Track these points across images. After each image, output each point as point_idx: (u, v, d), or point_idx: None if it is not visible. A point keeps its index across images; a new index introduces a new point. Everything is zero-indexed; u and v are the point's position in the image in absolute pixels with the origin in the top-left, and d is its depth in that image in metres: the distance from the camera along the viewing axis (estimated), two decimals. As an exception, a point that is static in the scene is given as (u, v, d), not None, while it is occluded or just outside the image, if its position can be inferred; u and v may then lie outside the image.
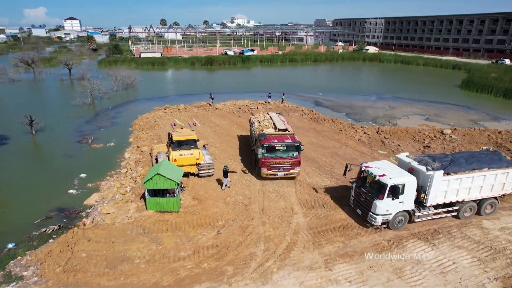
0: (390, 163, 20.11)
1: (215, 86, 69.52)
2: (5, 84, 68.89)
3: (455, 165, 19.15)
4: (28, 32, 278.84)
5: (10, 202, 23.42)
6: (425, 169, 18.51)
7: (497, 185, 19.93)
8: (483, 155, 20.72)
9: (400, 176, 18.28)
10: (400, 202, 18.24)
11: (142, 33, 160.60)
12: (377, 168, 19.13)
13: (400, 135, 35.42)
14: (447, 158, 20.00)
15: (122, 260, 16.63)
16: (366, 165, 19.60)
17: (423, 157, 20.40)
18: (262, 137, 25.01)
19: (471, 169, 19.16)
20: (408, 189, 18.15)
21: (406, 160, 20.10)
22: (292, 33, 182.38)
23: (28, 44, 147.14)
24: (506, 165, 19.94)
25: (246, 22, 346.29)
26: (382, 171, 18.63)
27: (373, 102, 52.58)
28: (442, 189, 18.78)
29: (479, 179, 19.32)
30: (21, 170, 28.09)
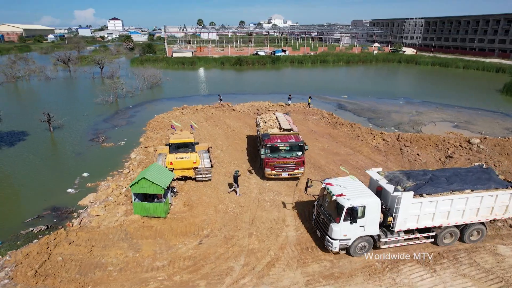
0: (356, 181, 17.60)
1: (240, 86, 69.10)
2: (42, 82, 72.24)
3: (431, 185, 16.64)
4: (74, 32, 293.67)
5: (9, 198, 23.76)
6: (392, 189, 16.10)
7: (484, 209, 17.14)
8: (470, 173, 18.10)
9: (361, 197, 15.91)
10: (361, 226, 15.93)
11: (179, 32, 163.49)
12: (339, 186, 16.82)
13: (421, 143, 32.86)
14: (425, 176, 17.56)
15: (96, 267, 16.13)
16: (327, 182, 17.27)
17: (398, 173, 18.05)
18: (265, 137, 24.79)
19: (449, 190, 16.57)
20: (371, 211, 15.82)
21: (375, 178, 17.57)
22: (328, 34, 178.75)
23: (71, 43, 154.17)
24: (495, 186, 17.13)
25: (283, 23, 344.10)
26: (342, 190, 16.34)
27: (400, 107, 49.65)
28: (414, 212, 16.32)
29: (460, 202, 16.63)
30: (28, 166, 28.68)
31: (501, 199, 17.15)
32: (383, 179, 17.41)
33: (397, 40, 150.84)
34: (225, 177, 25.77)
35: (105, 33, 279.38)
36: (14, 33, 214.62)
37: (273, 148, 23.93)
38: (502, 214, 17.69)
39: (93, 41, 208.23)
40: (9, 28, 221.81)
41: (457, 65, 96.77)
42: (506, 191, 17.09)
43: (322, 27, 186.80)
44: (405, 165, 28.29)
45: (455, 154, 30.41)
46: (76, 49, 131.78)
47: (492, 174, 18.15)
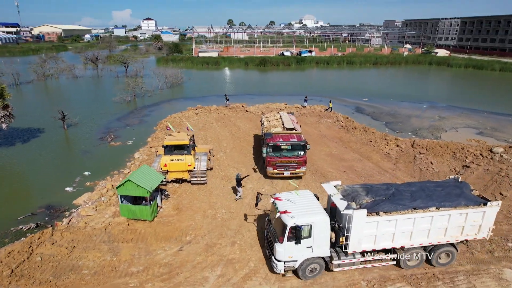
0: (310, 196, 15.99)
1: (261, 87, 68.41)
2: (69, 80, 74.79)
3: (391, 201, 14.86)
4: (110, 32, 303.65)
5: (8, 194, 24.25)
6: (343, 206, 14.36)
7: (452, 228, 15.23)
8: (439, 188, 16.26)
9: (308, 215, 14.35)
10: (308, 247, 14.40)
11: (208, 33, 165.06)
12: (288, 201, 15.27)
13: (438, 151, 30.83)
14: (388, 191, 15.83)
15: (71, 269, 15.96)
16: (276, 197, 15.64)
17: (358, 188, 16.35)
18: (267, 136, 24.96)
19: (411, 208, 14.73)
20: (318, 231, 14.27)
21: (330, 192, 15.73)
22: (358, 35, 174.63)
23: (103, 43, 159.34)
24: (465, 203, 15.12)
25: (314, 23, 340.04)
26: (289, 206, 14.76)
27: (422, 111, 47.19)
28: (369, 232, 14.53)
29: (424, 220, 14.76)
30: (33, 163, 29.36)
31: (472, 217, 15.16)
32: (338, 194, 15.61)
33: (430, 41, 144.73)
34: (222, 180, 25.18)
35: (138, 33, 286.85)
36: (54, 33, 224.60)
37: (275, 147, 24.08)
38: (475, 234, 15.65)
39: (126, 41, 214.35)
40: (50, 29, 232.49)
41: (493, 68, 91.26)
42: (477, 209, 15.02)
43: (353, 27, 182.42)
44: (415, 174, 26.57)
45: (473, 163, 28.23)
46: (108, 49, 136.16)
47: (464, 189, 16.22)
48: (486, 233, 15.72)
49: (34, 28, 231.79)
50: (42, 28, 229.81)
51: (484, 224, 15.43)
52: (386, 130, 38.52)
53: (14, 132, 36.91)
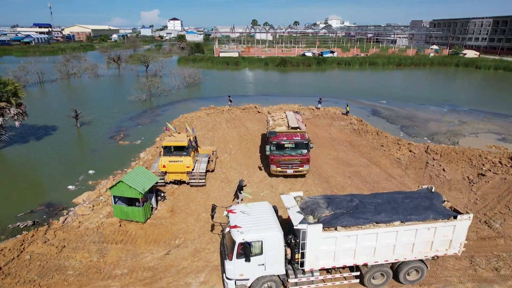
0: (266, 209, 14.78)
1: (278, 87, 67.76)
2: (91, 79, 76.66)
3: (352, 215, 13.74)
4: (137, 32, 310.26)
5: (11, 191, 24.80)
6: (298, 221, 13.23)
7: (420, 244, 14.07)
8: (408, 199, 15.09)
9: (260, 230, 13.19)
10: (260, 264, 13.31)
11: (232, 33, 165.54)
12: (242, 213, 14.21)
13: (453, 157, 29.31)
14: (351, 202, 14.77)
15: (57, 269, 15.99)
16: (230, 209, 14.50)
17: (319, 199, 15.22)
18: (271, 134, 25.31)
19: (373, 222, 13.55)
20: (270, 247, 13.14)
21: (287, 205, 14.54)
22: (384, 35, 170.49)
23: (129, 43, 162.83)
24: (434, 217, 13.96)
25: (340, 23, 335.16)
26: (241, 220, 13.64)
27: (441, 115, 45.19)
28: (327, 248, 13.39)
29: (388, 236, 13.56)
30: (41, 160, 30.04)
31: (442, 232, 13.98)
32: (296, 207, 14.33)
33: (459, 42, 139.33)
34: (222, 183, 24.80)
35: (164, 32, 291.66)
36: (83, 33, 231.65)
37: (278, 145, 24.41)
38: (445, 250, 14.47)
39: (152, 41, 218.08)
40: (80, 29, 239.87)
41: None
42: (446, 223, 13.88)
43: (379, 28, 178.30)
44: (424, 181, 25.26)
45: (490, 171, 26.59)
46: (132, 48, 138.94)
47: (435, 200, 15.05)
48: (458, 248, 14.55)
49: (65, 29, 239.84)
50: (72, 29, 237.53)
51: (455, 239, 14.27)
52: (400, 134, 37.06)
53: (29, 129, 38.00)
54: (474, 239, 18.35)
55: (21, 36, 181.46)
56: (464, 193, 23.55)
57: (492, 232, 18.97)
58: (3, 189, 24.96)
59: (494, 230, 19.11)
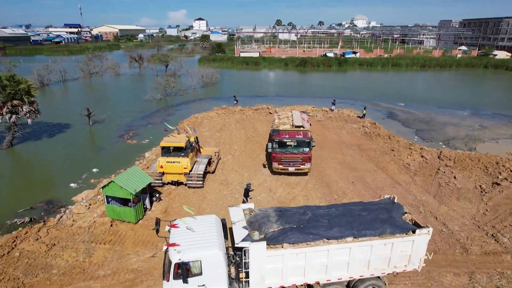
0: (212, 223, 13.35)
1: (295, 88, 66.94)
2: (112, 78, 78.39)
3: (301, 230, 12.75)
4: (163, 32, 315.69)
5: (14, 187, 25.40)
6: (240, 238, 12.23)
7: (377, 260, 13.05)
8: (365, 212, 14.01)
9: (199, 248, 11.93)
10: (200, 286, 12.07)
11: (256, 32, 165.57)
12: (186, 229, 12.78)
13: (467, 164, 27.80)
14: (304, 216, 13.73)
15: (43, 268, 16.10)
16: (174, 224, 13.09)
17: (271, 212, 14.16)
18: (274, 132, 25.71)
19: (324, 238, 12.55)
20: (211, 267, 11.90)
21: (233, 219, 13.45)
22: (410, 36, 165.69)
23: (153, 42, 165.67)
24: (391, 231, 12.94)
25: (366, 23, 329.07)
26: (183, 237, 12.41)
27: (461, 119, 43.15)
28: (273, 267, 12.33)
29: (340, 252, 12.60)
30: (49, 157, 30.74)
31: (400, 247, 12.98)
32: (242, 221, 13.25)
33: (490, 42, 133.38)
34: (220, 185, 24.48)
35: (189, 32, 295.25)
36: (111, 33, 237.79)
37: (280, 143, 24.81)
38: (404, 266, 13.44)
39: (176, 40, 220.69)
40: (108, 29, 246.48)
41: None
42: (404, 238, 12.88)
43: (405, 28, 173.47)
44: (432, 189, 24.00)
45: (506, 180, 24.98)
46: (156, 48, 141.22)
47: (394, 213, 13.97)
48: (418, 264, 13.53)
49: (93, 29, 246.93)
50: (101, 29, 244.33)
51: (414, 255, 13.25)
52: (414, 139, 35.63)
53: (44, 126, 39.07)
54: (477, 254, 17.19)
55: (52, 36, 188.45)
56: (474, 203, 22.19)
57: (498, 247, 17.69)
58: (7, 185, 25.65)
59: (501, 245, 17.82)
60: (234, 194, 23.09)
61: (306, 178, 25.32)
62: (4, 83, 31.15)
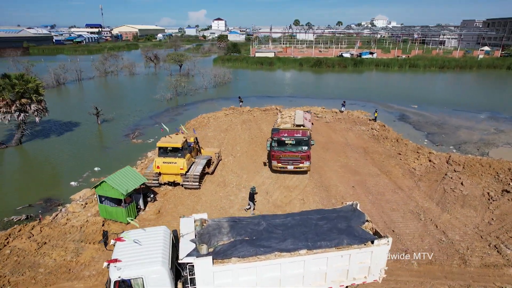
0: (160, 236, 12.50)
1: (308, 89, 66.12)
2: (126, 77, 79.43)
3: (252, 243, 12.01)
4: (182, 32, 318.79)
5: (15, 184, 25.82)
6: (185, 253, 11.50)
7: (334, 272, 12.29)
8: (323, 221, 13.27)
9: (140, 265, 11.09)
10: None
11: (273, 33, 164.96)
12: (133, 242, 11.97)
13: (477, 170, 26.62)
14: (258, 226, 13.02)
15: (30, 266, 16.21)
16: (120, 237, 12.18)
17: (224, 223, 13.39)
18: (274, 131, 26.12)
19: (275, 251, 11.82)
20: (155, 285, 11.10)
21: (183, 230, 12.67)
22: (431, 36, 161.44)
23: (170, 42, 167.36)
24: (349, 242, 12.24)
25: (387, 23, 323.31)
26: (127, 251, 11.66)
27: (476, 122, 41.53)
28: (222, 282, 11.61)
29: (294, 266, 11.84)
30: (55, 155, 31.22)
31: (358, 258, 12.29)
32: (191, 233, 12.52)
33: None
34: (217, 187, 24.21)
35: (208, 32, 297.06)
36: (130, 33, 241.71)
37: (279, 141, 25.07)
38: (364, 277, 12.76)
39: (195, 40, 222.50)
40: (128, 29, 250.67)
41: None
42: (361, 249, 12.18)
43: (426, 28, 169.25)
44: (435, 195, 23.03)
45: (516, 188, 23.80)
46: (173, 47, 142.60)
47: (353, 222, 13.26)
48: (378, 275, 12.85)
49: (114, 29, 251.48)
50: (121, 28, 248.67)
51: (373, 266, 12.56)
52: (424, 142, 34.47)
53: (53, 124, 39.81)
54: (476, 266, 16.31)
55: (74, 36, 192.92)
56: (479, 211, 21.15)
57: (500, 259, 16.73)
58: (10, 182, 26.13)
59: (503, 257, 16.85)
60: (230, 196, 22.79)
61: (305, 181, 24.78)
62: (13, 81, 31.79)
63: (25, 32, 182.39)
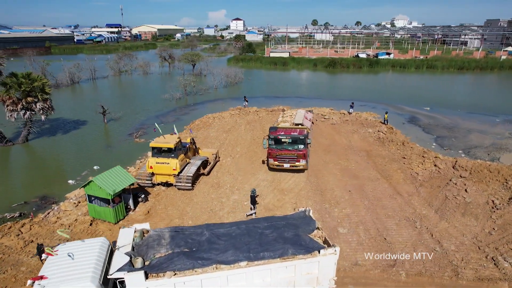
0: (95, 249, 11.84)
1: (320, 90, 65.19)
2: (140, 76, 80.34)
3: (190, 255, 11.31)
4: (201, 32, 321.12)
5: (14, 181, 26.23)
6: (116, 267, 10.72)
7: (279, 284, 11.59)
8: (270, 229, 12.53)
9: (69, 281, 10.41)
10: None
11: (287, 33, 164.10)
12: (66, 256, 11.28)
13: (484, 176, 25.38)
14: (201, 237, 12.28)
15: (14, 264, 16.34)
16: (49, 252, 11.47)
17: (166, 232, 12.63)
18: (272, 129, 26.32)
19: (216, 263, 11.13)
20: None
21: (118, 243, 12.00)
22: (453, 36, 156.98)
23: (187, 41, 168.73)
24: (294, 252, 11.51)
25: (408, 23, 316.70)
26: (56, 266, 10.93)
27: (491, 125, 39.84)
28: None
29: (234, 278, 11.12)
30: (57, 153, 31.70)
31: (304, 269, 11.58)
32: (128, 245, 11.75)
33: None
34: (211, 188, 23.93)
35: (226, 32, 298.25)
36: (149, 32, 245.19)
37: (276, 139, 25.30)
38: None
39: (212, 40, 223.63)
40: (147, 29, 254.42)
41: None
42: (307, 259, 11.48)
43: (448, 28, 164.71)
44: (436, 202, 22.05)
45: (523, 196, 22.56)
46: (190, 47, 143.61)
47: (301, 230, 12.52)
48: (327, 286, 12.13)
49: (133, 28, 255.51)
50: (140, 28, 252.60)
51: (322, 276, 11.85)
52: (432, 146, 33.24)
53: (61, 123, 40.49)
54: (469, 279, 15.46)
55: (94, 35, 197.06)
56: (480, 220, 20.10)
57: (496, 272, 15.79)
58: (10, 179, 26.59)
59: (500, 270, 15.89)
60: (222, 198, 22.47)
61: (301, 184, 24.20)
62: (20, 80, 32.41)
63: (48, 32, 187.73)
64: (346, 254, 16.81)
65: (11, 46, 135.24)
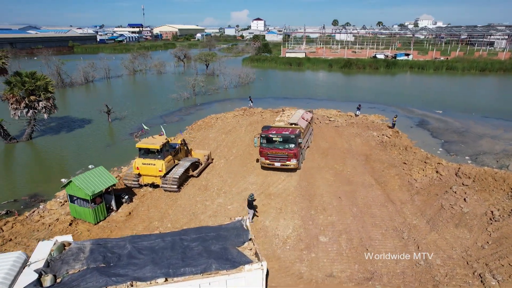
0: (15, 262, 10.92)
1: (329, 90, 64.04)
2: (153, 76, 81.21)
3: (103, 271, 10.50)
4: (222, 32, 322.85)
5: (11, 178, 26.66)
6: (22, 285, 9.89)
7: None
8: (197, 242, 11.77)
9: None
10: None
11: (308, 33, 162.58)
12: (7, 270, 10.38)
13: (488, 184, 23.94)
14: (123, 250, 11.47)
15: (-12, 262, 16.35)
16: None
17: (88, 245, 11.78)
18: (264, 128, 27.03)
19: (132, 280, 10.20)
20: None
21: (32, 257, 11.24)
22: (480, 36, 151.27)
23: (206, 41, 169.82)
24: (218, 267, 10.69)
25: (432, 24, 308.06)
26: None
27: (505, 131, 37.75)
28: None
29: None
30: (57, 151, 32.16)
31: (230, 286, 10.70)
32: (41, 261, 10.98)
33: None
34: (198, 190, 23.58)
35: (247, 32, 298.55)
36: (170, 32, 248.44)
37: (267, 138, 25.75)
38: None
39: (232, 40, 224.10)
40: (168, 28, 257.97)
41: None
42: (231, 275, 10.64)
43: (474, 28, 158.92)
44: (430, 211, 20.89)
45: (528, 208, 21.11)
46: (208, 47, 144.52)
47: (229, 242, 11.74)
48: None
49: (154, 28, 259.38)
50: (161, 28, 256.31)
51: None
52: (438, 152, 31.79)
53: (66, 122, 41.17)
54: (450, 297, 14.43)
55: (116, 35, 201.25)
56: (474, 233, 18.85)
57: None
58: (5, 176, 27.04)
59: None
60: (206, 201, 22.05)
61: (290, 189, 23.52)
62: (24, 79, 33.06)
63: (72, 32, 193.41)
64: (322, 265, 16.08)
65: (36, 45, 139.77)
